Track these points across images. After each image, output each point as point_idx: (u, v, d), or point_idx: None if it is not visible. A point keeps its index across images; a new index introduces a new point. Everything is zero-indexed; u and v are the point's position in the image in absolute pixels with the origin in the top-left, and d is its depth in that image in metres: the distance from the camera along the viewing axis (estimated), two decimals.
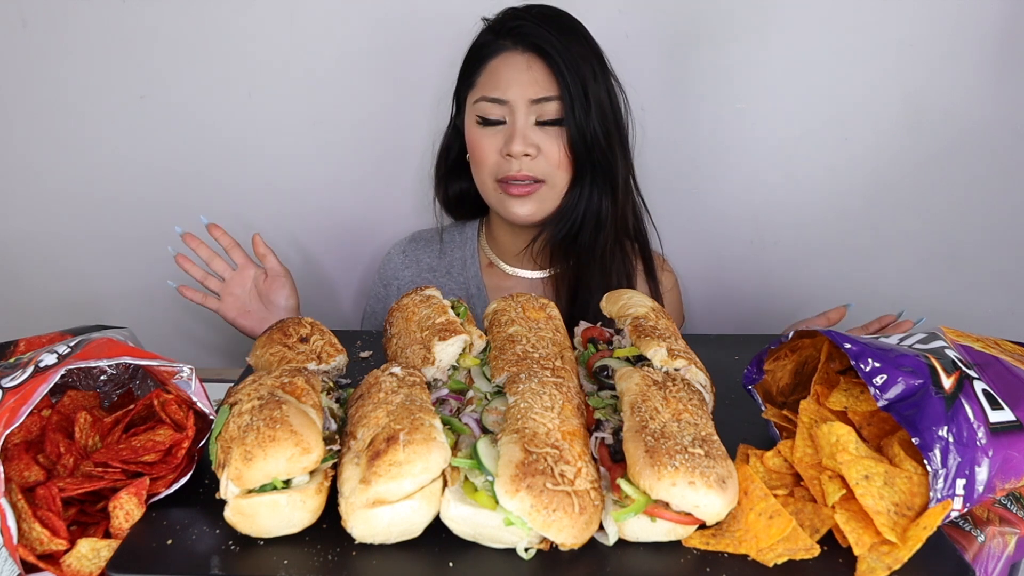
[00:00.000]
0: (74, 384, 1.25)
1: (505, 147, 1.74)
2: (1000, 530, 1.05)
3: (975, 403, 0.98)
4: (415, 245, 2.06)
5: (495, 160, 1.77)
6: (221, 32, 2.10)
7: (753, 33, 2.06)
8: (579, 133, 1.72)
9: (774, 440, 1.16)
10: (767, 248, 2.26)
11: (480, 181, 1.84)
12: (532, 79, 1.71)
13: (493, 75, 1.75)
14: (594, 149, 1.74)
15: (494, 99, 1.74)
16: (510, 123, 1.74)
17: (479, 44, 1.80)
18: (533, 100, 1.72)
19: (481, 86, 1.77)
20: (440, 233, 2.06)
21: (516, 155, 1.72)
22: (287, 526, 0.95)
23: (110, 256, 2.31)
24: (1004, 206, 2.17)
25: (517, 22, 1.74)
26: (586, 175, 1.77)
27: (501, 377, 1.15)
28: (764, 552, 0.92)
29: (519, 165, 1.73)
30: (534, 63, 1.72)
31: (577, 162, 1.75)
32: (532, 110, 1.73)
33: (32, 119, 2.18)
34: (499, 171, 1.77)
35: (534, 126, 1.74)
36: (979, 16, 2.01)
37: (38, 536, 0.95)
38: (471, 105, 1.80)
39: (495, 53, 1.76)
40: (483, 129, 1.77)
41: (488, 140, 1.77)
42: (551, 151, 1.74)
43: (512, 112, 1.73)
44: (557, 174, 1.76)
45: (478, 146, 1.78)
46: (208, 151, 2.21)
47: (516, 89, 1.72)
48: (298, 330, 1.27)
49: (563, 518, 0.90)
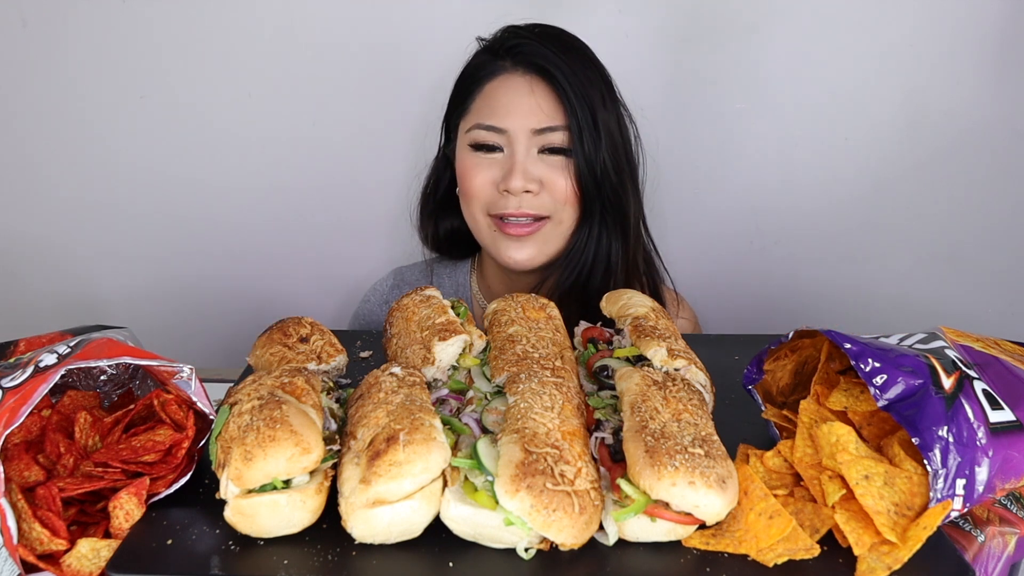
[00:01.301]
0: (74, 384, 1.24)
1: (503, 182, 1.54)
2: (1000, 530, 1.05)
3: (975, 403, 0.98)
4: (399, 292, 1.83)
5: (489, 193, 1.56)
6: (221, 32, 2.10)
7: (753, 33, 2.06)
8: (588, 166, 1.52)
9: (774, 440, 1.15)
10: (767, 248, 2.26)
11: (471, 216, 1.62)
12: (535, 105, 1.52)
13: (490, 99, 1.55)
14: (604, 184, 1.54)
15: (490, 127, 1.54)
16: (508, 154, 1.55)
17: (474, 65, 1.61)
18: (536, 130, 1.52)
19: (476, 112, 1.57)
20: (430, 274, 1.83)
21: (515, 191, 1.52)
22: (287, 526, 0.95)
23: (110, 256, 2.31)
24: (1004, 206, 2.18)
25: (517, 40, 1.56)
26: (595, 214, 1.57)
27: (501, 377, 1.15)
28: (764, 552, 0.92)
29: (518, 202, 1.54)
30: (537, 86, 1.53)
31: (585, 198, 1.56)
32: (534, 141, 1.53)
33: (32, 119, 2.18)
34: (493, 206, 1.57)
35: (536, 155, 1.54)
36: (979, 16, 2.02)
37: (38, 536, 0.95)
38: (463, 134, 1.60)
39: (493, 75, 1.57)
40: (476, 156, 1.56)
41: (482, 170, 1.56)
42: (557, 184, 1.54)
43: (511, 142, 1.54)
44: (564, 210, 1.57)
45: (468, 175, 1.57)
46: (208, 151, 2.21)
47: (516, 117, 1.52)
48: (298, 330, 1.27)
49: (563, 518, 0.90)
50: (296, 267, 2.35)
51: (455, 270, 1.84)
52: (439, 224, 1.79)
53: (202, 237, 2.29)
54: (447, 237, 1.80)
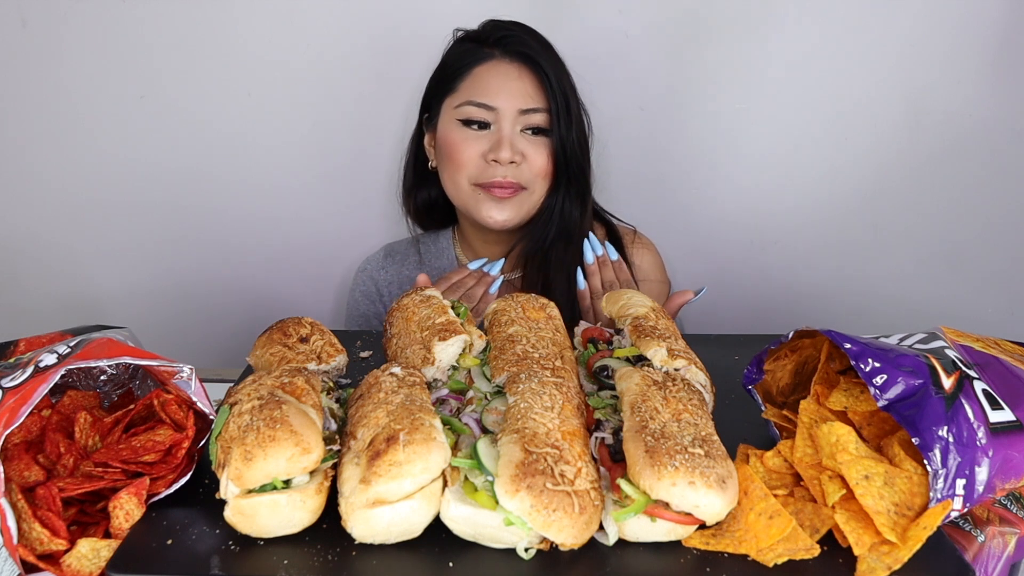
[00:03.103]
0: (74, 384, 1.25)
1: (491, 152, 1.75)
2: (1000, 530, 1.05)
3: (975, 403, 0.98)
4: (392, 260, 2.06)
5: (476, 164, 1.77)
6: (220, 32, 2.10)
7: (753, 33, 2.06)
8: (562, 145, 1.76)
9: (774, 440, 1.16)
10: (767, 248, 2.26)
11: (453, 185, 1.83)
12: (522, 88, 1.74)
13: (480, 80, 1.76)
14: (572, 161, 1.79)
15: (482, 104, 1.74)
16: (496, 129, 1.76)
17: (462, 51, 1.81)
18: (522, 110, 1.74)
19: (466, 91, 1.77)
20: (416, 245, 2.06)
21: (503, 161, 1.74)
22: (287, 526, 0.95)
23: (110, 256, 2.31)
24: (1004, 206, 2.18)
25: (504, 32, 1.77)
26: (562, 186, 1.81)
27: (501, 377, 1.15)
28: (764, 552, 0.92)
29: (504, 172, 1.75)
30: (524, 72, 1.74)
31: (556, 173, 1.80)
32: (519, 120, 1.75)
33: (32, 119, 2.18)
34: (480, 176, 1.78)
35: (519, 133, 1.76)
36: (980, 17, 2.02)
37: (38, 536, 0.95)
38: (451, 109, 1.79)
39: (482, 60, 1.77)
40: (465, 130, 1.77)
41: (470, 143, 1.77)
42: (536, 159, 1.77)
43: (499, 119, 1.75)
44: (538, 182, 1.80)
45: (457, 148, 1.78)
46: (207, 151, 2.21)
47: (505, 97, 1.74)
48: (298, 330, 1.27)
49: (563, 518, 0.90)
50: (296, 267, 2.35)
51: (437, 238, 2.07)
52: (418, 196, 2.00)
53: (202, 237, 2.29)
54: (424, 207, 2.01)
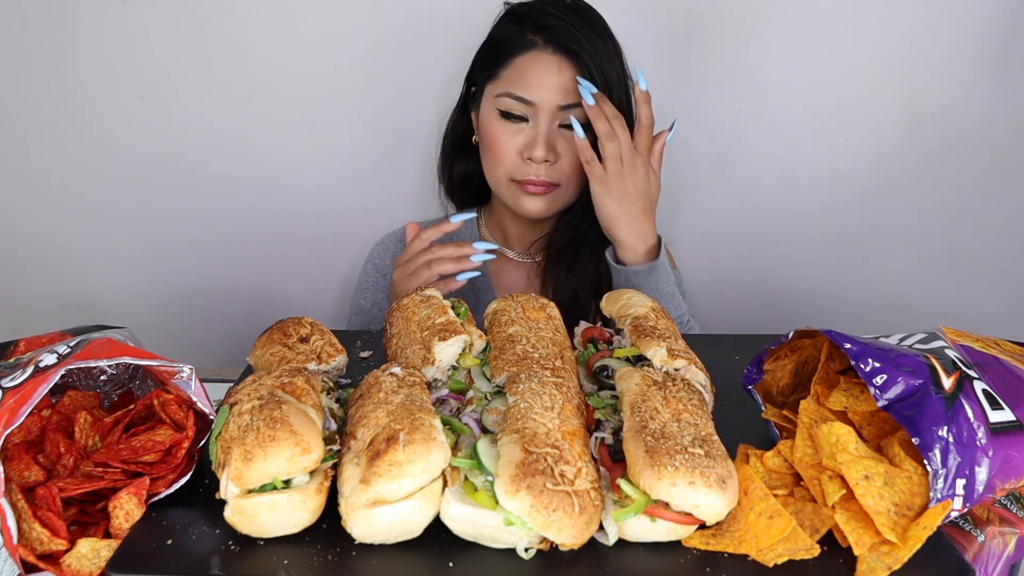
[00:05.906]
0: (74, 384, 1.24)
1: (526, 150, 1.73)
2: (1000, 530, 1.05)
3: (975, 403, 0.98)
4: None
5: (513, 160, 1.76)
6: (221, 32, 2.10)
7: (753, 33, 2.06)
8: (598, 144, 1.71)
9: (774, 440, 1.15)
10: (767, 248, 2.26)
11: (493, 176, 1.83)
12: (562, 84, 1.70)
13: (521, 72, 1.72)
14: None
15: (520, 98, 1.71)
16: (533, 124, 1.73)
17: (506, 36, 1.77)
18: (561, 107, 1.71)
19: (507, 80, 1.74)
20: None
21: (537, 160, 1.72)
22: (287, 526, 0.95)
23: (110, 256, 2.31)
24: (1004, 206, 2.18)
25: (551, 20, 1.71)
26: None
27: (501, 377, 1.15)
28: (764, 552, 0.92)
29: (538, 170, 1.74)
30: (565, 67, 1.70)
31: None
32: (558, 116, 1.72)
33: (32, 119, 2.18)
34: (516, 172, 1.77)
35: (557, 130, 1.74)
36: (979, 16, 2.02)
37: (38, 536, 0.95)
38: (492, 97, 1.77)
39: (524, 49, 1.72)
40: (504, 124, 1.75)
41: (508, 138, 1.75)
42: (571, 157, 1.74)
43: (537, 114, 1.72)
44: (573, 179, 1.78)
45: (496, 141, 1.77)
46: (208, 151, 2.21)
47: (545, 92, 1.70)
48: (298, 330, 1.27)
49: (563, 518, 0.90)
50: (297, 267, 2.35)
51: None
52: (454, 167, 1.98)
53: (202, 237, 2.29)
54: (460, 180, 1.99)
